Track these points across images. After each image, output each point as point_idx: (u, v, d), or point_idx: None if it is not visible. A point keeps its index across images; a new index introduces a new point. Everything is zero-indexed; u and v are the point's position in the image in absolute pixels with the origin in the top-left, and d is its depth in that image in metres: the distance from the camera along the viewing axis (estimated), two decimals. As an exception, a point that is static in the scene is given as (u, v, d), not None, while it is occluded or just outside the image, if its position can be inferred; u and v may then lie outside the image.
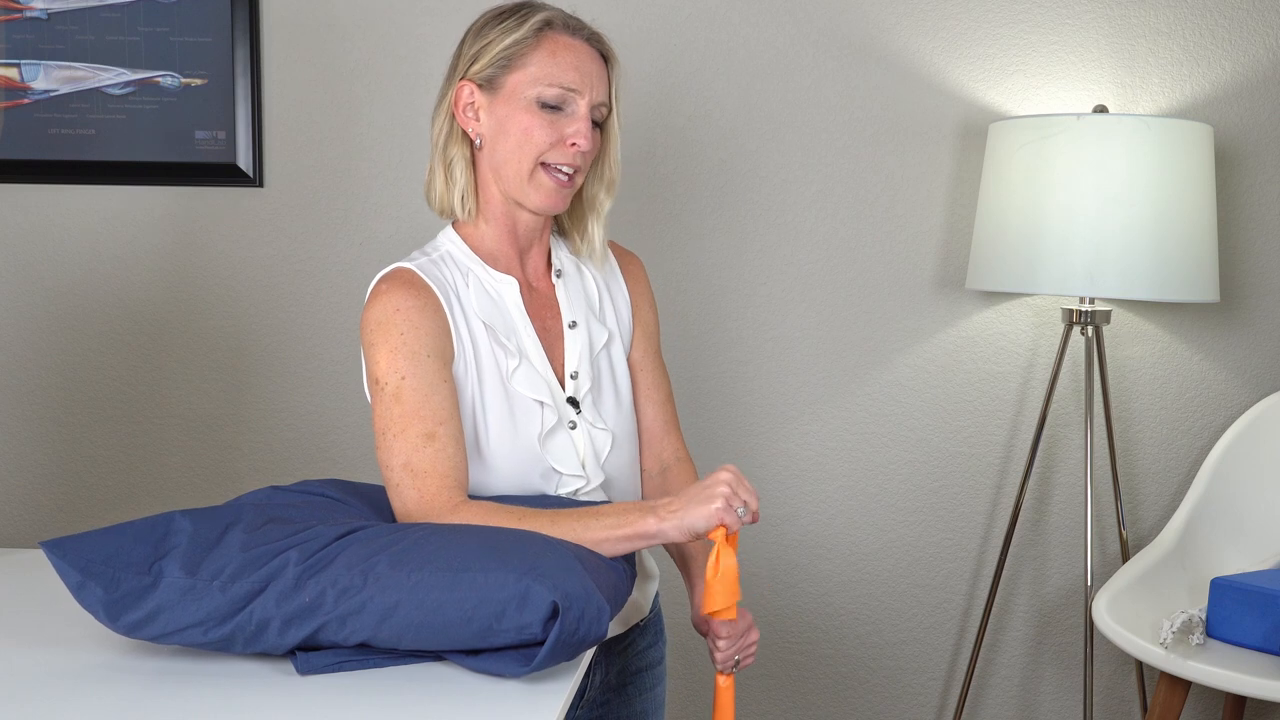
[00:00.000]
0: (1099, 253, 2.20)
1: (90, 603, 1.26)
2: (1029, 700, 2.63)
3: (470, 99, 1.53)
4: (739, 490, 1.36)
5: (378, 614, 1.24)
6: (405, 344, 1.45)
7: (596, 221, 1.62)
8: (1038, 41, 2.49)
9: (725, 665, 1.53)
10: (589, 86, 1.52)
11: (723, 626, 1.51)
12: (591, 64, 1.53)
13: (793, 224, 2.55)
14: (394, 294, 1.47)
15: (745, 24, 2.52)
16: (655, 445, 1.68)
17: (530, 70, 1.50)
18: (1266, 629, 2.03)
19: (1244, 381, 2.53)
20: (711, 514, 1.34)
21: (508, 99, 1.51)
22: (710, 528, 1.35)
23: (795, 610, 2.62)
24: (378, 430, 1.46)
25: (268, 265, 2.60)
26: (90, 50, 2.56)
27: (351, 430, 2.61)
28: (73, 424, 2.65)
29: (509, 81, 1.51)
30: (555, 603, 1.21)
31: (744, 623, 1.54)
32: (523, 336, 1.54)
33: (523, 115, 1.51)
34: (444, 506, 1.41)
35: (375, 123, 2.56)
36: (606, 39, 1.57)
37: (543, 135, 1.50)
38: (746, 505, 1.36)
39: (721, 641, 1.52)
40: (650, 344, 1.69)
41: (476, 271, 1.55)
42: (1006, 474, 2.57)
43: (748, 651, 1.55)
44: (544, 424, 1.51)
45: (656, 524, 1.36)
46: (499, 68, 1.51)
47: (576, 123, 1.51)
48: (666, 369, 1.72)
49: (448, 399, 1.45)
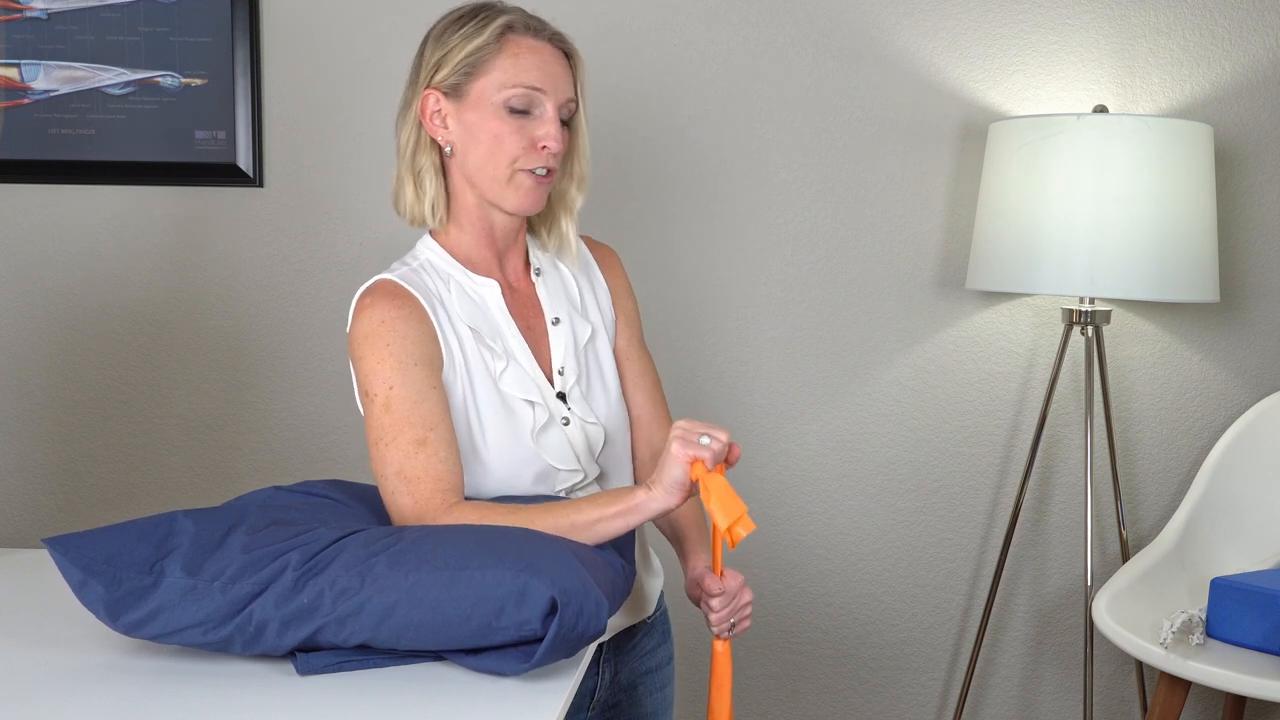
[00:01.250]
0: (1099, 253, 2.20)
1: (91, 601, 1.27)
2: (1029, 700, 2.63)
3: (437, 107, 1.53)
4: (693, 427, 1.38)
5: (376, 614, 1.24)
6: (392, 354, 1.45)
7: (569, 218, 1.62)
8: (1038, 41, 2.49)
9: (721, 629, 1.52)
10: (554, 87, 1.52)
11: (715, 584, 1.51)
12: (555, 64, 1.53)
13: (793, 224, 2.55)
14: (378, 306, 1.48)
15: (745, 24, 2.52)
16: (646, 432, 1.68)
17: (495, 76, 1.50)
18: (1266, 629, 2.03)
19: (1244, 381, 2.53)
20: (676, 454, 1.36)
21: (474, 105, 1.51)
22: (684, 468, 1.36)
23: (795, 610, 2.62)
24: (370, 441, 1.46)
25: (268, 265, 2.60)
26: (90, 50, 2.56)
27: (351, 430, 2.61)
28: (73, 424, 2.65)
29: (474, 88, 1.51)
30: (553, 598, 1.21)
31: (735, 583, 1.53)
32: (508, 338, 1.55)
33: (491, 122, 1.51)
34: (438, 509, 1.42)
35: (375, 123, 2.56)
36: (567, 36, 1.57)
37: (513, 142, 1.51)
38: (708, 434, 1.37)
39: (715, 601, 1.52)
40: (633, 332, 1.69)
41: (457, 277, 1.55)
42: (1006, 474, 2.57)
43: (742, 614, 1.54)
44: (536, 422, 1.52)
45: (644, 493, 1.38)
46: (463, 75, 1.51)
47: (545, 125, 1.51)
48: (651, 356, 1.72)
49: (438, 405, 1.46)
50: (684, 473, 1.37)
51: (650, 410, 1.69)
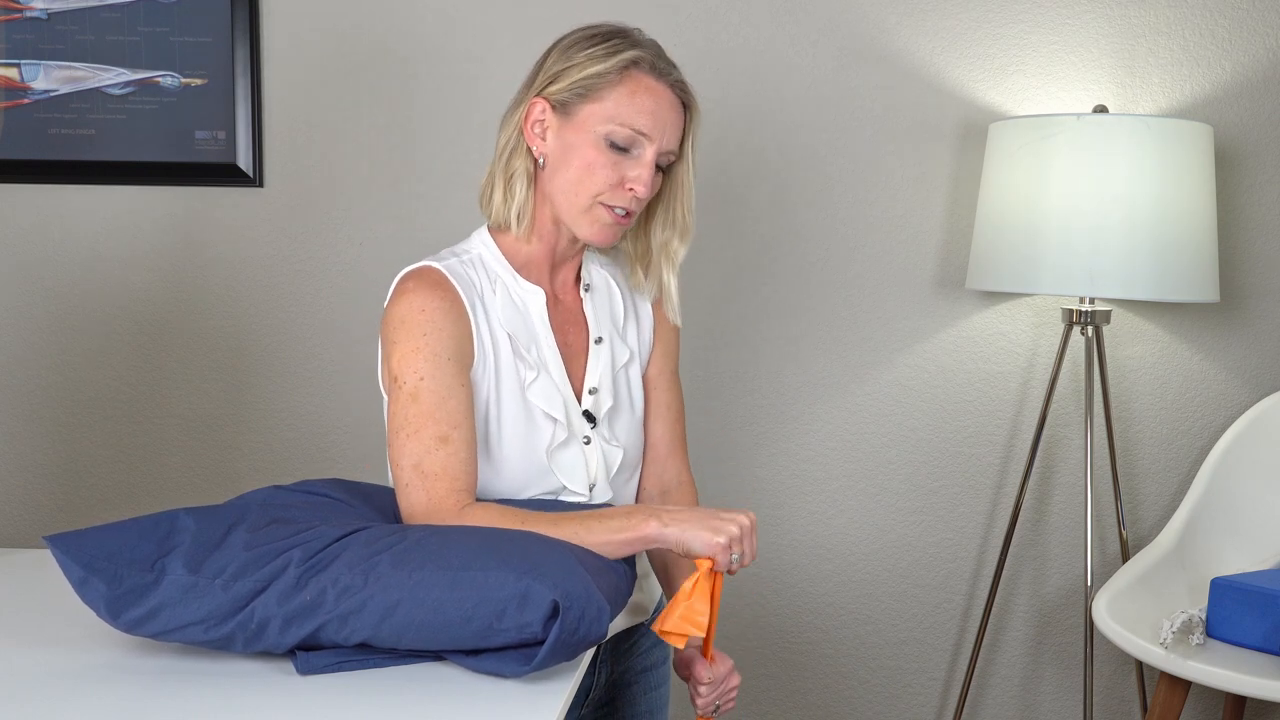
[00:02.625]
0: (1099, 253, 2.20)
1: (92, 598, 1.26)
2: (1029, 700, 2.63)
3: (541, 116, 1.52)
4: (746, 540, 1.36)
5: (378, 613, 1.24)
6: (427, 344, 1.44)
7: (670, 270, 1.61)
8: (1038, 41, 2.49)
9: (705, 711, 1.54)
10: (661, 134, 1.50)
11: (704, 672, 1.51)
12: (670, 111, 1.51)
13: (793, 224, 2.55)
14: (420, 293, 1.46)
15: (745, 24, 2.52)
16: (659, 464, 1.66)
17: (606, 106, 1.48)
18: (1266, 629, 2.03)
19: (1244, 381, 2.53)
20: (711, 544, 1.34)
21: (578, 128, 1.50)
22: (703, 555, 1.35)
23: (795, 610, 2.62)
24: (391, 428, 1.45)
25: (268, 265, 2.60)
26: (90, 50, 2.56)
27: (351, 430, 2.61)
28: (73, 424, 2.65)
29: (583, 111, 1.49)
30: (556, 602, 1.21)
31: (724, 668, 1.54)
32: (544, 349, 1.53)
33: (589, 149, 1.49)
34: (451, 509, 1.41)
35: (375, 123, 2.56)
36: (690, 86, 1.55)
37: (604, 175, 1.49)
38: (742, 555, 1.36)
39: (703, 688, 1.53)
40: (668, 362, 1.68)
41: (505, 278, 1.54)
42: (1006, 474, 2.57)
43: (728, 697, 1.55)
44: (554, 439, 1.51)
45: (659, 528, 1.36)
46: (576, 95, 1.49)
47: (640, 168, 1.50)
48: (680, 388, 1.70)
49: (464, 403, 1.45)
50: (701, 555, 1.35)
51: (667, 443, 1.66)
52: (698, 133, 1.57)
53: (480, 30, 2.54)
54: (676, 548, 1.36)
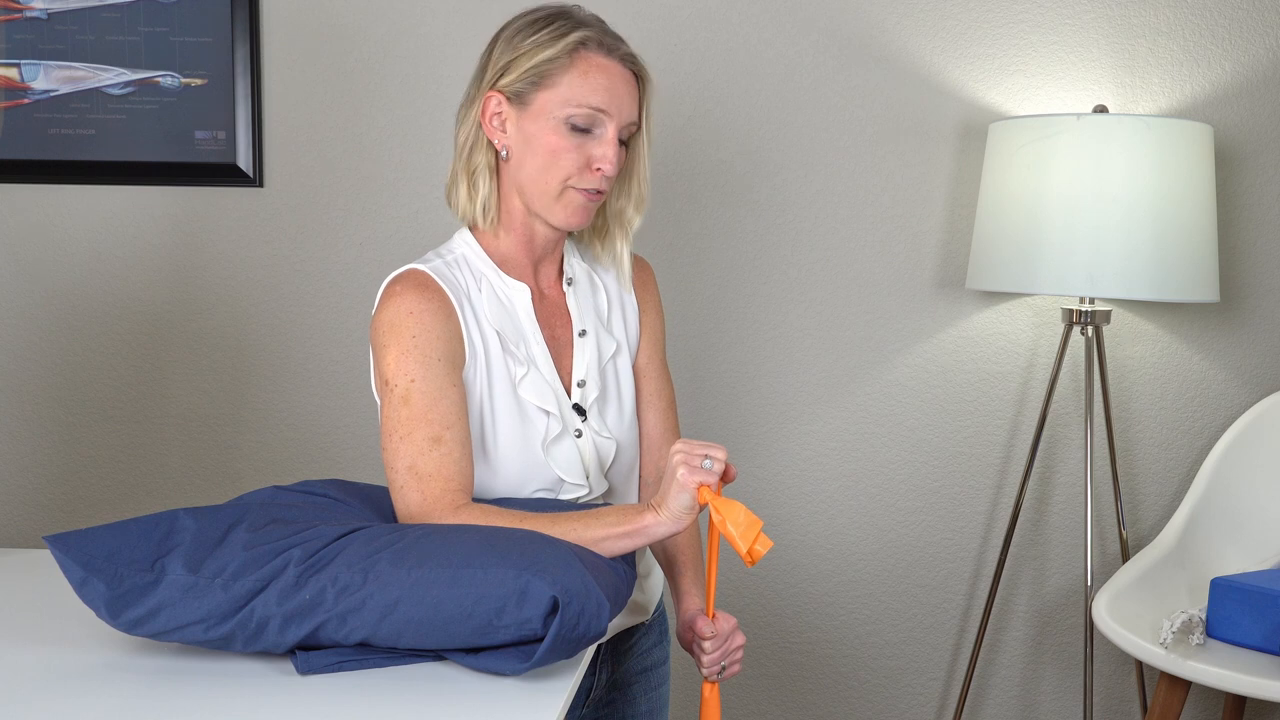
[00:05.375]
0: (1099, 253, 2.20)
1: (92, 598, 1.27)
2: (1029, 700, 2.63)
3: (498, 109, 1.52)
4: (693, 450, 1.36)
5: (378, 611, 1.24)
6: (416, 347, 1.45)
7: (624, 239, 1.62)
8: (1038, 41, 2.49)
9: (711, 672, 1.52)
10: (619, 109, 1.50)
11: (707, 627, 1.50)
12: (624, 85, 1.51)
13: (793, 224, 2.55)
14: (407, 296, 1.47)
15: (745, 24, 2.52)
16: (655, 452, 1.67)
17: (561, 90, 1.48)
18: (1266, 629, 2.03)
19: (1244, 381, 2.53)
20: (682, 481, 1.35)
21: (536, 116, 1.50)
22: (691, 494, 1.36)
23: (795, 610, 2.62)
24: (384, 431, 1.46)
25: (268, 265, 2.60)
26: (90, 50, 2.56)
27: (351, 430, 2.61)
28: (73, 424, 2.65)
29: (539, 99, 1.49)
30: (555, 598, 1.21)
31: (728, 626, 1.53)
32: (531, 344, 1.54)
33: (550, 136, 1.49)
34: (446, 509, 1.42)
35: (375, 123, 2.56)
36: (640, 58, 1.54)
37: (570, 159, 1.49)
38: (709, 457, 1.36)
39: (707, 644, 1.51)
40: (656, 351, 1.68)
41: (490, 277, 1.54)
42: (1006, 474, 2.57)
43: (733, 657, 1.53)
44: (548, 432, 1.51)
45: (653, 517, 1.37)
46: (529, 84, 1.49)
47: (604, 146, 1.50)
48: (670, 376, 1.71)
49: (456, 403, 1.45)
50: (692, 498, 1.36)
51: (661, 431, 1.67)
52: (652, 102, 1.56)
53: (480, 30, 2.52)
54: (676, 519, 1.37)
